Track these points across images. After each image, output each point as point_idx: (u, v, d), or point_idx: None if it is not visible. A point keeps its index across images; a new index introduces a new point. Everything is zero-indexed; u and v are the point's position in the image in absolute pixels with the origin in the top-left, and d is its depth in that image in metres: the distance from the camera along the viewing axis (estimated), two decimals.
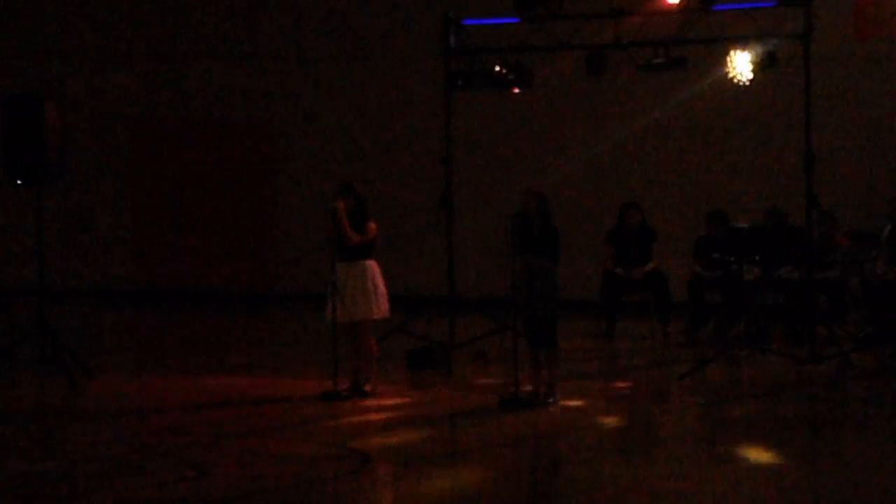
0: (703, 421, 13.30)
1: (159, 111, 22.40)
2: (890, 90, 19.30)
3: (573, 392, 13.64)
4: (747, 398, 14.08)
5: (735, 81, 15.91)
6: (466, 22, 16.58)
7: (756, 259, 15.78)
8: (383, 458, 11.42)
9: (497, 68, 16.48)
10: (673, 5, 15.84)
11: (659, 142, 20.17)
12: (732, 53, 15.80)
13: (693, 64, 16.53)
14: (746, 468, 11.10)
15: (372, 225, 13.59)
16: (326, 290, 13.53)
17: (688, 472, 10.81)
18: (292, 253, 21.63)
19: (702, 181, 19.84)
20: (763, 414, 13.40)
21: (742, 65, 15.77)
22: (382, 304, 13.65)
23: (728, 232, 16.13)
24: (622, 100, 19.93)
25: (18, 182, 14.71)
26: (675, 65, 16.18)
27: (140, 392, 14.28)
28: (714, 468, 11.05)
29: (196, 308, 21.32)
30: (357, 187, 13.74)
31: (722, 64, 15.98)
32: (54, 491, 10.39)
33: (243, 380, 14.82)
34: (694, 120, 19.88)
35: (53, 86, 21.01)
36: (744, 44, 15.75)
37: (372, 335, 13.73)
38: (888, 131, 19.30)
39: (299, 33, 21.80)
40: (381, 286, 13.64)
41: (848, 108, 19.25)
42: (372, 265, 13.62)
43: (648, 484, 10.42)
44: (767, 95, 18.59)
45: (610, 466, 11.13)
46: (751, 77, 15.87)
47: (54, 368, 14.45)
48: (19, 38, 22.73)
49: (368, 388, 13.58)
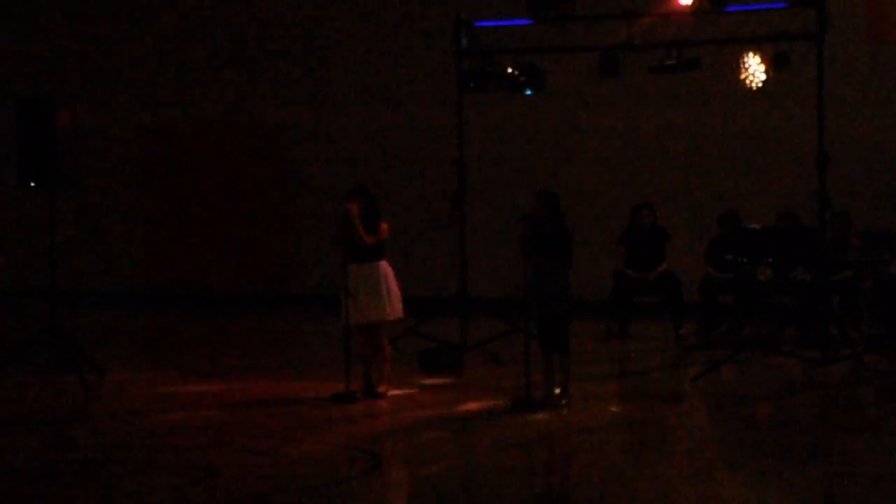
0: (716, 422, 13.28)
1: (172, 114, 22.41)
2: None
3: (585, 394, 13.63)
4: (760, 400, 14.04)
5: (748, 82, 15.89)
6: (479, 23, 16.58)
7: (769, 260, 15.77)
8: (395, 460, 11.43)
9: (509, 70, 16.47)
10: (685, 6, 15.82)
11: (671, 143, 20.14)
12: (745, 54, 15.78)
13: (706, 65, 16.51)
14: (759, 470, 11.07)
15: (384, 226, 13.59)
16: (340, 293, 13.54)
17: (700, 474, 10.80)
18: (305, 255, 21.64)
19: (714, 182, 19.81)
20: (776, 415, 13.38)
21: (755, 65, 15.76)
22: (396, 305, 13.65)
23: (741, 233, 16.10)
24: (634, 101, 19.91)
25: (32, 184, 14.73)
26: (688, 66, 16.16)
27: (152, 393, 14.29)
28: (726, 470, 11.04)
29: (208, 311, 21.33)
30: (369, 189, 13.74)
31: (735, 65, 15.97)
32: (65, 492, 10.40)
33: (256, 381, 14.82)
34: (706, 121, 19.85)
35: (67, 89, 21.04)
36: (757, 45, 15.73)
37: (386, 336, 13.74)
38: None
39: (314, 36, 21.79)
40: (395, 287, 13.64)
41: (861, 109, 19.21)
42: (385, 266, 13.62)
43: (661, 485, 10.40)
44: (780, 96, 18.56)
45: (622, 468, 11.12)
46: (764, 78, 15.85)
47: (66, 370, 14.47)
48: (33, 42, 22.76)
49: (382, 390, 13.58)
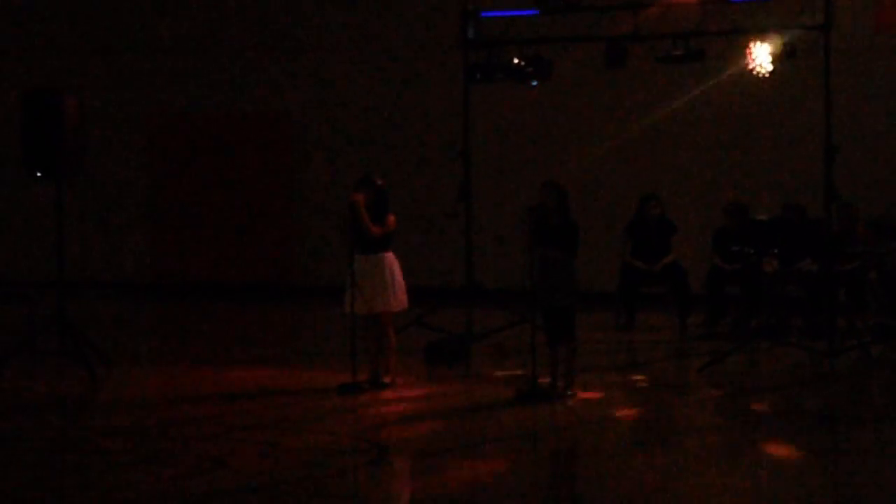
0: (722, 413, 13.28)
1: (178, 104, 22.41)
2: None
3: (591, 384, 13.63)
4: (766, 391, 14.05)
5: (754, 73, 15.87)
6: (485, 14, 16.56)
7: (775, 251, 15.75)
8: (401, 451, 11.43)
9: (515, 60, 16.46)
10: None
11: (678, 134, 20.12)
12: (752, 45, 15.75)
13: (712, 56, 16.48)
14: (765, 461, 11.07)
15: (391, 217, 13.58)
16: (346, 283, 13.55)
17: (707, 465, 10.80)
18: (312, 246, 21.65)
19: (721, 173, 19.79)
20: (782, 406, 13.37)
21: (761, 56, 15.73)
22: (401, 296, 13.65)
23: (748, 224, 16.08)
24: (641, 92, 19.88)
25: (38, 174, 14.74)
26: (695, 57, 16.13)
27: (159, 384, 14.31)
28: (733, 461, 11.04)
29: (215, 301, 21.34)
30: (376, 180, 13.73)
31: (741, 56, 15.94)
32: (73, 481, 10.42)
33: (262, 372, 14.84)
34: (713, 112, 19.82)
35: (73, 79, 21.04)
36: (763, 35, 15.70)
37: (392, 327, 13.75)
38: None
39: (319, 25, 21.79)
40: (400, 278, 13.63)
41: (868, 100, 19.17)
42: (390, 257, 13.61)
43: (667, 476, 10.40)
44: (787, 87, 18.53)
45: (628, 459, 11.12)
46: (770, 69, 15.82)
47: (74, 360, 14.49)
48: (39, 32, 22.76)
49: (387, 381, 13.59)
